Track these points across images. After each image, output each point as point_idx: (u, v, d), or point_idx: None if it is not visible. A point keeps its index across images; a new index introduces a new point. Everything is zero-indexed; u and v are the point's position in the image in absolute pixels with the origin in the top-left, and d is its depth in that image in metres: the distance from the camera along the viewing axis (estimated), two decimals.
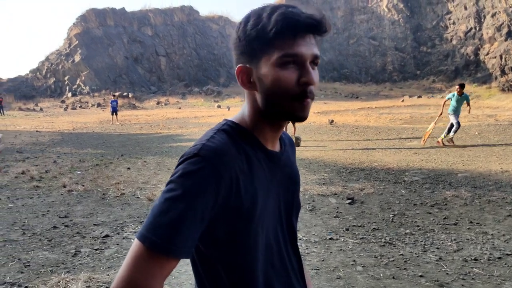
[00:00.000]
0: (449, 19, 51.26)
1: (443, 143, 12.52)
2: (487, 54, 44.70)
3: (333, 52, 59.41)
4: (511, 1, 43.38)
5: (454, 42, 50.00)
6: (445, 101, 12.75)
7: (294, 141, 13.29)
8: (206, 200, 0.93)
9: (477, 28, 47.42)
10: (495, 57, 43.06)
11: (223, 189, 0.94)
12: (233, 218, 0.99)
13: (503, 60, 42.00)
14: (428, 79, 50.71)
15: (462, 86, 12.48)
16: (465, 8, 49.07)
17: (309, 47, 0.99)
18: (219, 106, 40.36)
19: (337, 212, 5.97)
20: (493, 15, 45.33)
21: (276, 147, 1.14)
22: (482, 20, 47.02)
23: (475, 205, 6.08)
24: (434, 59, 52.05)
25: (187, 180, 0.93)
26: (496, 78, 41.76)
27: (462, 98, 12.32)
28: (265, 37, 0.97)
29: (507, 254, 4.30)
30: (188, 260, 1.00)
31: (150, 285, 0.90)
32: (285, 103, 1.00)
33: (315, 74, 1.01)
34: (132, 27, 56.43)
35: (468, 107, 12.49)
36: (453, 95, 12.43)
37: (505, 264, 4.07)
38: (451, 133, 12.38)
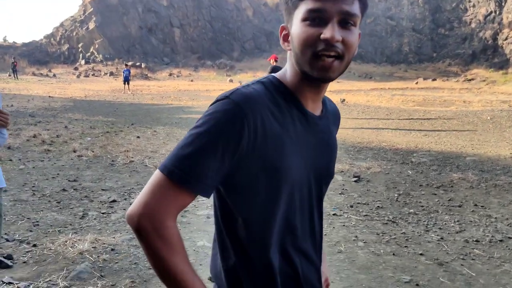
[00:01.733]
0: (469, 1, 50.11)
1: None
2: (506, 39, 43.76)
3: None
4: None
5: (473, 25, 48.97)
6: None
7: None
8: (228, 138, 0.94)
9: (497, 12, 46.34)
10: None
11: (247, 132, 0.95)
12: (257, 166, 0.98)
13: None
14: (444, 62, 49.88)
15: None
16: None
17: (337, 3, 0.96)
18: (231, 81, 40.17)
19: (343, 189, 6.01)
20: None
21: (317, 111, 1.12)
22: (503, 4, 45.90)
23: (481, 189, 6.08)
24: (452, 42, 51.10)
25: (213, 118, 0.95)
26: None
27: None
28: None
29: (509, 237, 4.32)
30: (192, 228, 1.00)
31: (164, 212, 0.93)
32: (306, 61, 0.99)
33: (345, 32, 0.98)
34: None
35: None
36: None
37: (506, 247, 4.10)
38: None
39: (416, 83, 38.20)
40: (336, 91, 27.48)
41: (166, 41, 55.70)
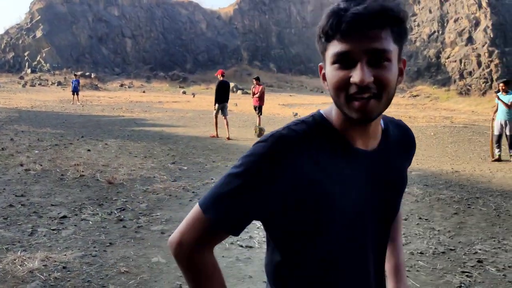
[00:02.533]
0: (414, 21, 52.51)
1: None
2: (448, 57, 46.09)
3: (301, 46, 59.85)
4: (473, 8, 44.89)
5: (417, 44, 51.29)
6: (496, 106, 10.24)
7: (258, 132, 13.11)
8: (262, 182, 0.96)
9: (440, 32, 48.82)
10: (455, 61, 44.45)
11: (281, 177, 0.96)
12: (293, 207, 0.99)
13: (462, 64, 43.42)
14: None
15: (506, 83, 10.12)
16: (430, 12, 50.40)
17: (362, 42, 0.91)
18: (184, 92, 39.98)
19: None
20: (456, 20, 46.76)
21: (370, 145, 1.06)
22: (445, 24, 48.44)
23: (425, 202, 6.39)
24: None
25: (249, 161, 0.98)
26: (455, 81, 43.15)
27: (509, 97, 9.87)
28: (321, 36, 0.98)
29: (451, 249, 4.57)
30: (146, 244, 1.06)
31: (198, 245, 1.02)
32: (342, 104, 0.97)
33: (378, 70, 0.93)
34: (98, 6, 54.93)
35: None
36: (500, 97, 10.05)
37: (448, 258, 4.34)
38: None
39: None
40: (289, 104, 27.98)
41: (118, 51, 54.79)
